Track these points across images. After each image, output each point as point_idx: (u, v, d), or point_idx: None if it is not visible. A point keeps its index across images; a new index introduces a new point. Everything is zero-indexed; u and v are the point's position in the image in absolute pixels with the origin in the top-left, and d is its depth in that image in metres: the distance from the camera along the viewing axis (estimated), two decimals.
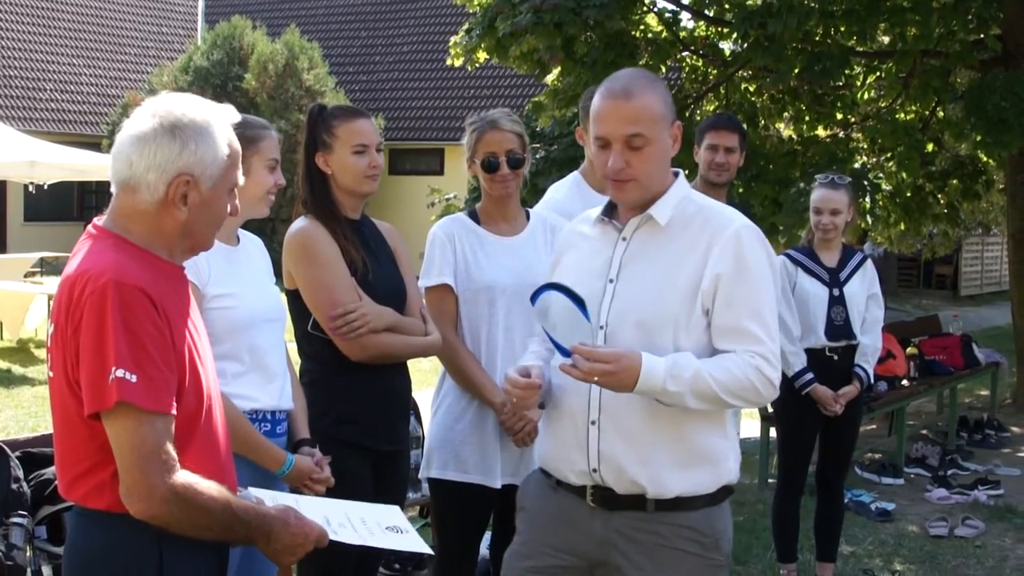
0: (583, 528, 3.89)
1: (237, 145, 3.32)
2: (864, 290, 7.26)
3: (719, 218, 3.94)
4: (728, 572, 4.02)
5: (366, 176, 4.98)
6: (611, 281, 3.85)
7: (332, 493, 4.06)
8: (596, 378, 3.61)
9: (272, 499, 3.48)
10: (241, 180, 3.38)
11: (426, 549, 3.71)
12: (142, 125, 3.19)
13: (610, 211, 4.00)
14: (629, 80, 3.87)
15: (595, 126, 3.86)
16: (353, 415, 4.92)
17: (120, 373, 2.97)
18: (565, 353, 3.65)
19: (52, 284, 19.02)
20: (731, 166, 6.56)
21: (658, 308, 3.77)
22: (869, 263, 7.37)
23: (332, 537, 3.39)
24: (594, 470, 3.81)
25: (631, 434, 3.77)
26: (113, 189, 3.25)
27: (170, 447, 3.04)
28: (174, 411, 3.08)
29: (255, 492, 3.48)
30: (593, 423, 3.80)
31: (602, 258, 3.91)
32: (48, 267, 24.99)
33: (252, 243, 4.74)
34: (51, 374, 3.18)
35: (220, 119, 3.27)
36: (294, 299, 4.97)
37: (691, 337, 3.79)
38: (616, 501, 3.83)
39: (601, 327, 3.79)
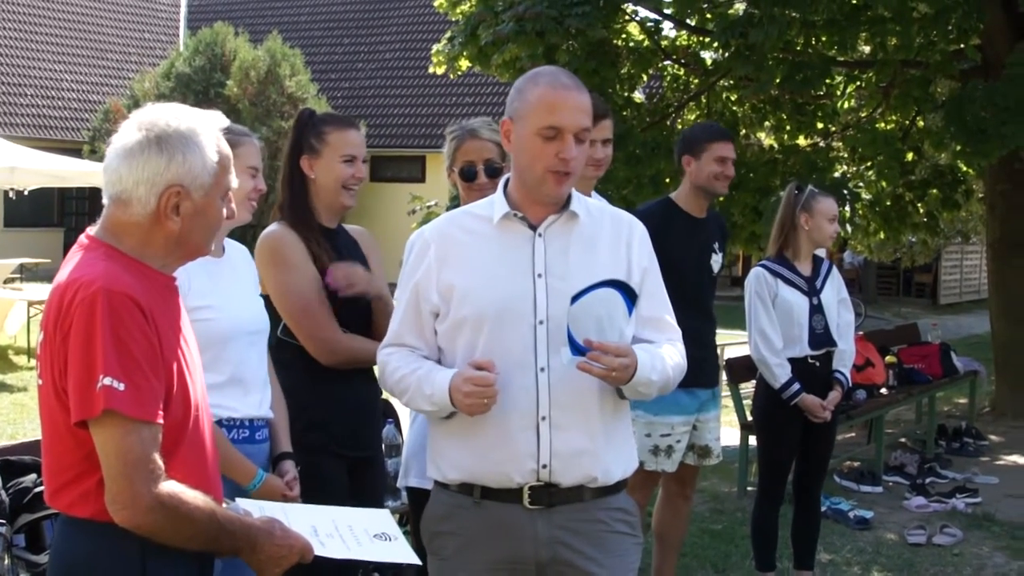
0: (523, 534, 3.86)
1: (227, 150, 3.32)
2: (835, 295, 7.30)
3: (625, 215, 4.13)
4: None
5: (345, 186, 5.01)
6: (540, 276, 3.84)
7: (309, 499, 4.06)
8: (614, 373, 3.68)
9: (260, 508, 3.49)
10: (235, 183, 3.39)
11: (415, 559, 3.68)
12: (128, 138, 3.20)
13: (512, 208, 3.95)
14: (570, 75, 3.90)
15: (546, 116, 3.78)
16: (322, 421, 4.94)
17: (107, 381, 2.97)
18: (579, 351, 3.69)
19: (32, 290, 19.01)
20: (731, 177, 6.68)
21: (607, 300, 3.81)
22: (835, 269, 7.44)
23: (320, 551, 3.40)
24: (543, 466, 3.80)
25: (582, 426, 3.83)
26: (105, 201, 3.26)
27: (156, 456, 3.05)
28: (161, 420, 3.08)
29: (243, 503, 3.49)
30: (544, 419, 3.79)
31: (519, 254, 3.87)
32: (28, 273, 24.95)
33: (238, 253, 4.72)
34: (40, 382, 3.18)
35: (207, 126, 3.28)
36: (267, 304, 4.97)
37: (630, 327, 3.93)
38: (557, 497, 3.85)
39: (541, 322, 3.80)
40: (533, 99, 3.81)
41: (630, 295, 3.84)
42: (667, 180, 13.64)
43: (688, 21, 14.99)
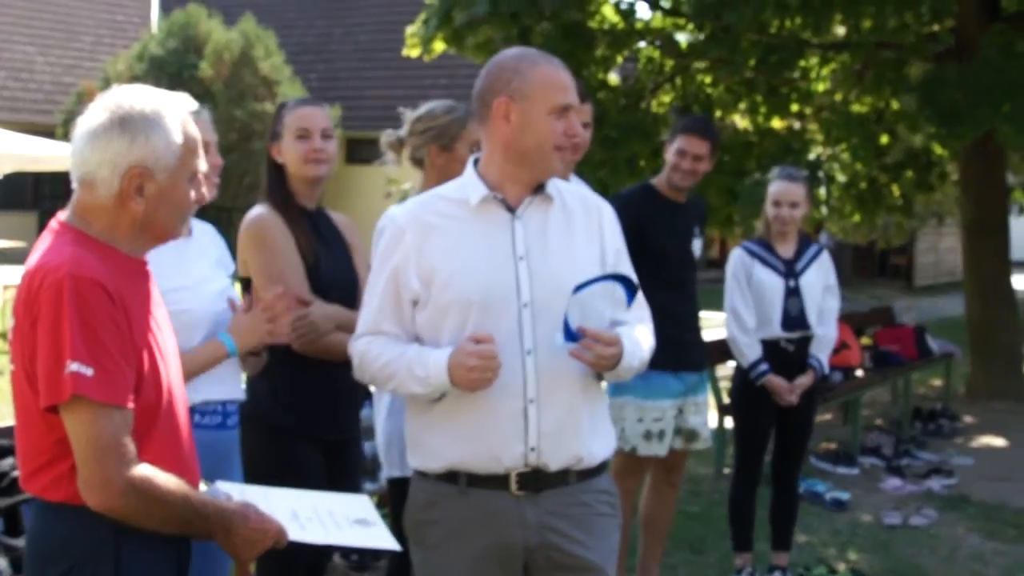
0: (511, 520, 3.86)
1: (195, 132, 3.32)
2: (820, 281, 7.29)
3: (593, 196, 4.18)
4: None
5: (305, 161, 5.00)
6: (521, 259, 3.84)
7: (286, 483, 4.05)
8: (603, 361, 3.73)
9: (240, 492, 3.49)
10: (204, 167, 3.39)
11: (394, 545, 3.67)
12: (93, 120, 3.21)
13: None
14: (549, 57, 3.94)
15: (558, 94, 3.83)
16: (298, 404, 4.93)
17: (75, 367, 2.97)
18: (571, 338, 3.70)
19: (6, 273, 18.88)
20: (697, 174, 6.63)
21: (602, 292, 3.82)
22: (825, 254, 7.42)
23: (299, 535, 3.40)
24: (532, 449, 3.80)
25: (568, 407, 3.84)
26: (73, 185, 3.26)
27: (127, 440, 3.05)
28: (131, 404, 3.08)
29: (223, 487, 3.49)
30: (531, 402, 3.79)
31: (499, 237, 3.87)
32: (2, 257, 24.84)
33: (204, 233, 4.69)
34: (12, 368, 3.18)
35: (173, 108, 3.27)
36: (247, 287, 4.97)
37: (611, 308, 3.92)
38: (544, 481, 3.85)
39: (525, 305, 3.80)
40: (539, 78, 3.82)
41: (631, 288, 3.85)
42: (642, 163, 13.66)
43: (662, 3, 15.01)
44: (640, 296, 4.09)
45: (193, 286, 4.40)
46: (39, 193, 34.03)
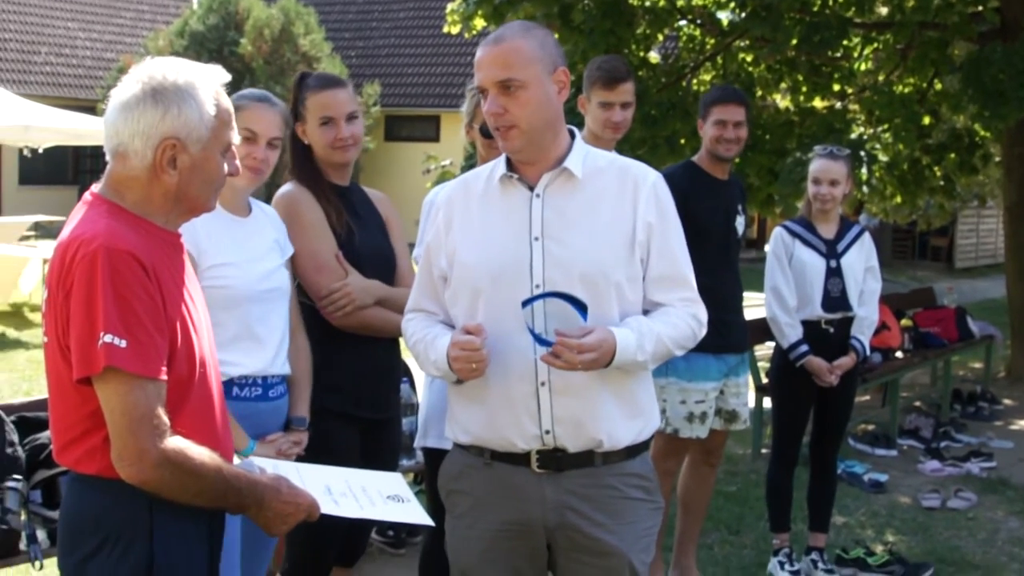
0: (532, 497, 3.85)
1: (228, 104, 3.31)
2: (862, 262, 7.22)
3: (635, 168, 4.01)
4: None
5: (332, 148, 4.97)
6: (536, 239, 3.80)
7: (320, 461, 4.05)
8: (580, 366, 3.63)
9: (273, 467, 3.49)
10: (237, 139, 3.37)
11: (427, 520, 3.71)
12: (127, 92, 3.20)
13: (511, 169, 3.92)
14: (505, 29, 3.88)
15: (476, 78, 3.84)
16: (338, 383, 4.92)
17: (108, 338, 2.97)
18: (544, 343, 3.65)
19: (46, 248, 18.99)
20: (740, 140, 6.57)
21: (602, 262, 3.78)
22: (867, 235, 7.35)
23: (333, 509, 3.41)
24: (546, 432, 3.78)
25: (582, 391, 3.77)
26: (107, 157, 3.25)
27: (161, 412, 3.04)
28: (164, 376, 3.07)
29: (257, 461, 3.49)
30: (543, 384, 3.76)
31: (517, 217, 3.84)
32: (43, 231, 24.96)
33: (265, 214, 4.71)
34: (46, 339, 3.17)
35: (206, 80, 3.26)
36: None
37: (635, 289, 3.87)
38: (566, 461, 3.82)
39: (537, 286, 3.76)
40: (476, 60, 3.85)
41: (581, 306, 3.72)
42: (682, 141, 13.59)
43: None
44: (686, 275, 3.99)
45: (240, 263, 4.40)
46: (79, 168, 34.20)
